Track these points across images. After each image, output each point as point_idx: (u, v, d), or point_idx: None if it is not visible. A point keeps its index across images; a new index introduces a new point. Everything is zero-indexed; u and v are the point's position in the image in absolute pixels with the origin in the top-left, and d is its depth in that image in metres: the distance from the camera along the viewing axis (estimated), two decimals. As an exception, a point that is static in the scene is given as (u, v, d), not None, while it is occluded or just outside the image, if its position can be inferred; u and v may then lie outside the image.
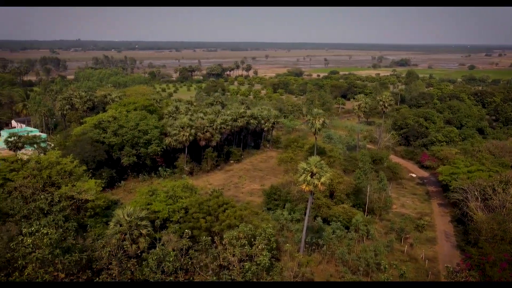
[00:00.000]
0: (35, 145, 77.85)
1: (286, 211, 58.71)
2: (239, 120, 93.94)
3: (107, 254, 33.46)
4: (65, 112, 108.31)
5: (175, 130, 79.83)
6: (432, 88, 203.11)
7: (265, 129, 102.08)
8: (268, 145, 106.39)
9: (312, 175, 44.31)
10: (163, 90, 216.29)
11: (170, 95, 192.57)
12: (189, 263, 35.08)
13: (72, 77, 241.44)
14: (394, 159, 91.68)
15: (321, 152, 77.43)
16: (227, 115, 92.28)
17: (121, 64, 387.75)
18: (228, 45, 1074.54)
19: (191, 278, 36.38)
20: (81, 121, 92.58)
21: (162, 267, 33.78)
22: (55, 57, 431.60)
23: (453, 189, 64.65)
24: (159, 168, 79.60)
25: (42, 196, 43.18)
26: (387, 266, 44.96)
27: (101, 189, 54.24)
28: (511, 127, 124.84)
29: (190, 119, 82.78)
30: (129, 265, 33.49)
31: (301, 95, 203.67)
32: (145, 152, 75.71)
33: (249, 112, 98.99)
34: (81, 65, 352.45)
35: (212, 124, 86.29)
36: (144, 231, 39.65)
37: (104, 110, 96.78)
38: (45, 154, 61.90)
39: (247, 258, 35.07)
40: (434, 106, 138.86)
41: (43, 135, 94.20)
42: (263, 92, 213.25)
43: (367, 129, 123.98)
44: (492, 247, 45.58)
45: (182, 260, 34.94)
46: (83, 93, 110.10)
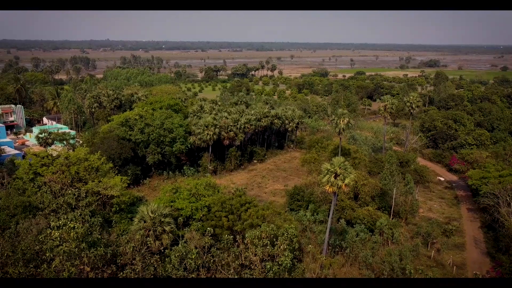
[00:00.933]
0: (65, 142, 80.00)
1: (309, 212, 58.19)
2: (263, 120, 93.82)
3: (131, 250, 33.97)
4: (93, 110, 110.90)
5: (199, 129, 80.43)
6: (462, 90, 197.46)
7: (289, 129, 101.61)
8: (291, 145, 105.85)
9: (336, 176, 43.71)
10: (189, 89, 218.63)
11: (195, 94, 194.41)
12: (211, 261, 35.21)
13: (101, 76, 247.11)
14: (422, 161, 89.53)
15: (346, 153, 76.37)
16: (251, 115, 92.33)
17: (148, 63, 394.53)
18: (253, 45, 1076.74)
19: (213, 276, 36.49)
20: (108, 119, 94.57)
21: (185, 264, 34.03)
22: (85, 56, 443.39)
23: (483, 194, 62.56)
24: (183, 167, 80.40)
25: (70, 191, 44.22)
26: (412, 271, 43.85)
27: (126, 185, 55.14)
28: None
29: (215, 118, 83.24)
30: (152, 261, 33.90)
31: (326, 95, 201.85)
32: (169, 150, 76.61)
33: (273, 112, 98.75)
34: (109, 65, 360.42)
35: (236, 124, 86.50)
36: (167, 228, 40.06)
37: (131, 109, 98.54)
38: (73, 150, 63.47)
39: (269, 258, 34.91)
40: (464, 108, 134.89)
41: (72, 132, 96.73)
42: (288, 92, 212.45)
43: (393, 131, 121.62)
44: (524, 255, 43.81)
45: (204, 258, 35.12)
46: (111, 92, 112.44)
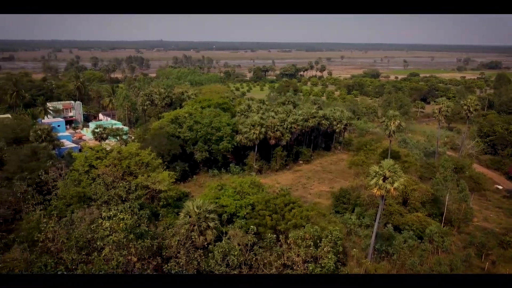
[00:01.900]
0: (118, 137, 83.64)
1: (355, 215, 56.78)
2: (310, 120, 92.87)
3: (176, 243, 34.76)
4: (145, 107, 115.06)
5: (246, 128, 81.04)
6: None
7: (336, 130, 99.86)
8: (339, 147, 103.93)
9: (385, 179, 42.29)
10: (237, 89, 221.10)
11: (243, 94, 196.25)
12: (254, 259, 35.24)
13: (154, 75, 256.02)
14: (478, 168, 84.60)
15: (395, 157, 73.77)
16: (298, 115, 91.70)
17: (198, 63, 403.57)
18: (303, 46, 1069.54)
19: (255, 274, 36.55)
20: (159, 116, 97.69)
21: (227, 260, 34.32)
22: (139, 56, 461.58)
23: (547, 205, 57.98)
24: (229, 165, 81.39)
25: (121, 184, 46.02)
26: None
27: (174, 181, 56.57)
28: None
29: (261, 118, 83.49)
30: (195, 256, 34.48)
31: (376, 97, 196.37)
32: (216, 148, 77.85)
33: (321, 112, 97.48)
34: (162, 64, 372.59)
35: (283, 123, 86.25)
36: (211, 224, 40.63)
37: (181, 107, 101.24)
38: (126, 145, 66.16)
39: (311, 259, 34.39)
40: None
41: (125, 128, 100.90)
42: (337, 93, 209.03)
43: (447, 135, 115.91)
44: None
45: (246, 255, 35.21)
46: (162, 90, 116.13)
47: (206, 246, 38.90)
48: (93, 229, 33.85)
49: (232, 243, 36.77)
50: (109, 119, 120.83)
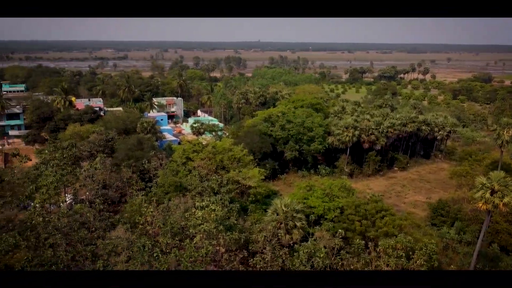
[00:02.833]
0: (213, 133, 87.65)
1: (454, 230, 52.12)
2: (408, 125, 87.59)
3: (262, 239, 35.26)
4: (240, 105, 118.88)
5: (339, 129, 79.25)
6: None
7: (438, 137, 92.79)
8: (440, 155, 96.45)
9: (493, 192, 38.10)
10: (331, 90, 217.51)
11: (338, 95, 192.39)
12: (339, 263, 34.25)
13: (250, 74, 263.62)
14: None
15: (507, 170, 66.06)
16: (395, 119, 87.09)
17: (293, 64, 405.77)
18: (405, 47, 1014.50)
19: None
20: (253, 114, 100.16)
21: (312, 261, 33.83)
22: (237, 56, 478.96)
23: None
24: (318, 166, 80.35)
25: (214, 177, 48.03)
26: None
27: (263, 178, 57.43)
28: None
29: (356, 120, 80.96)
30: (281, 253, 34.58)
31: (487, 103, 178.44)
32: (307, 148, 77.37)
33: (421, 117, 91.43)
34: (258, 64, 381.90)
35: (378, 127, 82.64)
36: (298, 224, 40.41)
37: (274, 106, 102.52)
38: (220, 141, 68.98)
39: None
40: None
41: (221, 124, 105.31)
42: (440, 98, 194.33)
43: None
44: None
45: (332, 259, 34.36)
46: (257, 89, 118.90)
47: (292, 245, 38.80)
48: (186, 217, 35.83)
49: (318, 245, 36.15)
50: (206, 115, 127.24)
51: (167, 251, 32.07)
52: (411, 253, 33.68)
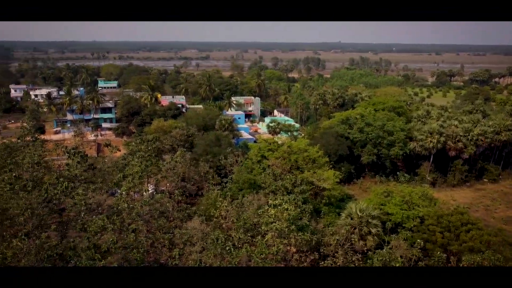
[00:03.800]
0: (289, 133, 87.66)
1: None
2: (503, 134, 79.87)
3: (334, 242, 34.42)
4: (317, 106, 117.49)
5: (422, 135, 74.84)
6: None
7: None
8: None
9: None
10: (415, 94, 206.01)
11: (423, 99, 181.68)
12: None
13: (328, 75, 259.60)
14: None
15: None
16: (487, 126, 79.96)
17: (375, 65, 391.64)
18: (499, 49, 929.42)
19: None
20: (330, 115, 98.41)
21: (387, 271, 32.26)
22: (316, 57, 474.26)
23: None
24: (397, 172, 76.53)
25: (288, 177, 47.97)
26: None
27: (338, 181, 56.13)
28: None
29: (441, 126, 75.83)
30: (353, 259, 33.49)
31: None
32: (386, 153, 74.13)
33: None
34: (337, 66, 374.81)
35: (467, 134, 76.50)
36: (373, 230, 38.84)
37: (353, 108, 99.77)
38: (295, 141, 68.75)
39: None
40: None
41: (297, 125, 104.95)
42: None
43: None
44: None
45: (409, 270, 32.46)
46: (336, 91, 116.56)
47: (365, 251, 37.38)
48: (259, 214, 36.17)
49: (394, 254, 34.34)
50: (282, 115, 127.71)
51: (239, 245, 32.64)
52: (500, 272, 30.60)
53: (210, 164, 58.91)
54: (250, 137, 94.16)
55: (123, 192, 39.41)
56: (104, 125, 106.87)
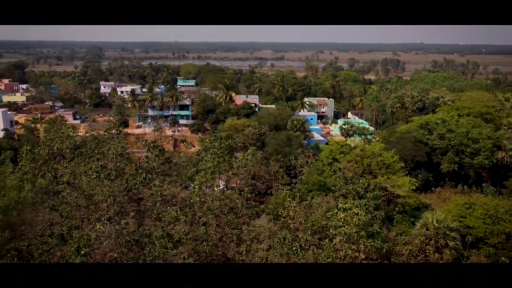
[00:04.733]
0: (363, 136, 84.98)
1: None
2: None
3: (407, 252, 32.73)
4: (394, 109, 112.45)
5: (512, 144, 68.30)
6: None
7: None
8: None
9: None
10: (507, 99, 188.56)
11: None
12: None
13: (408, 78, 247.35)
14: None
15: None
16: None
17: (461, 68, 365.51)
18: None
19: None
20: (408, 120, 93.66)
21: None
22: (396, 59, 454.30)
23: None
24: (482, 184, 70.57)
25: (360, 181, 46.52)
26: None
27: (414, 189, 53.32)
28: None
29: (536, 135, 68.59)
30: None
31: None
32: (469, 162, 68.78)
33: None
34: (418, 68, 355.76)
35: None
36: (451, 243, 36.22)
37: (434, 112, 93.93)
38: (369, 144, 66.44)
39: None
40: None
41: (371, 128, 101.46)
42: None
43: None
44: None
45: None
46: (415, 94, 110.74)
47: (441, 265, 35.00)
48: (328, 217, 35.51)
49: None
50: (356, 118, 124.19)
51: (306, 247, 32.32)
52: None
53: (280, 163, 59.06)
54: (322, 138, 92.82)
55: (196, 186, 40.95)
56: (181, 121, 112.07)
